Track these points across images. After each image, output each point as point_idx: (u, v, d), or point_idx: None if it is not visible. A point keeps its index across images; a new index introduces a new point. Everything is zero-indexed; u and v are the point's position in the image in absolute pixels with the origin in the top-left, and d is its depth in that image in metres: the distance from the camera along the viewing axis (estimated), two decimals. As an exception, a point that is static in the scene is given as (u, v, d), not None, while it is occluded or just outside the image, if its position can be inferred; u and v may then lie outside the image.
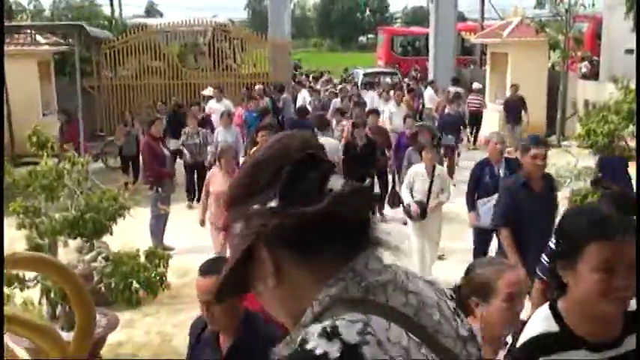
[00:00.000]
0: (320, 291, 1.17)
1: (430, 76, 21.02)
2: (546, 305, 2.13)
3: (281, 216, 1.16)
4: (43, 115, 16.42)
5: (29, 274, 5.52)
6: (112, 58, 19.13)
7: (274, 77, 19.43)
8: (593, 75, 20.06)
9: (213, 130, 12.47)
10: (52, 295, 5.35)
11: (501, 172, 6.96)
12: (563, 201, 7.68)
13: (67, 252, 6.79)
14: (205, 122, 13.06)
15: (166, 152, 9.45)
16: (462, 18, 35.95)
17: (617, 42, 18.03)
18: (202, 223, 7.90)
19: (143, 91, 19.02)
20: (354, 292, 1.16)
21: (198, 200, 10.22)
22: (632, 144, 6.55)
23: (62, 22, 17.50)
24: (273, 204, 1.18)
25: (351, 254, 1.19)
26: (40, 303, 5.60)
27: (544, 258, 4.18)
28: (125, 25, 22.05)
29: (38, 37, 16.65)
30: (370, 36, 75.27)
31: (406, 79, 23.87)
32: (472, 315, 2.60)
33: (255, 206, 1.19)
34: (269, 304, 1.26)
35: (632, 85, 6.68)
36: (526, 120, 15.80)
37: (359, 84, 22.24)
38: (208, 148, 11.44)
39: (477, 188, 7.13)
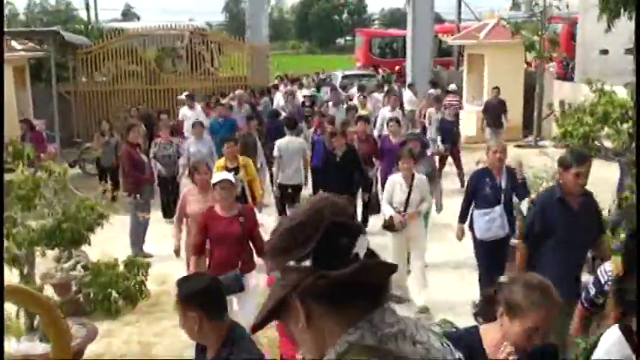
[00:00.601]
0: (341, 337, 1.40)
1: (408, 78, 21.10)
2: (616, 328, 2.06)
3: (314, 276, 1.38)
4: (20, 121, 16.23)
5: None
6: (88, 63, 18.96)
7: (252, 81, 19.40)
8: (562, 75, 20.31)
9: (185, 138, 12.19)
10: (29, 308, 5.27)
11: (503, 184, 6.60)
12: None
13: (45, 261, 6.73)
14: (177, 130, 12.75)
15: (144, 158, 9.37)
16: (439, 19, 36.23)
17: (591, 43, 18.27)
18: (177, 252, 6.96)
19: (121, 97, 18.88)
20: (369, 341, 1.38)
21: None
22: (607, 144, 6.64)
23: (38, 29, 17.35)
24: (307, 263, 1.40)
25: (371, 308, 1.41)
26: (17, 316, 5.52)
27: (590, 287, 4.16)
28: (101, 29, 21.85)
29: (13, 43, 16.45)
30: (348, 38, 75.56)
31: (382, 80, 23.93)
32: (497, 316, 2.71)
33: (292, 262, 1.42)
34: (298, 341, 1.49)
35: (607, 87, 6.78)
36: (506, 125, 15.64)
37: (337, 86, 22.24)
38: (180, 160, 10.83)
39: (474, 199, 6.76)
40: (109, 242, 9.15)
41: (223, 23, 79.90)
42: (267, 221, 8.33)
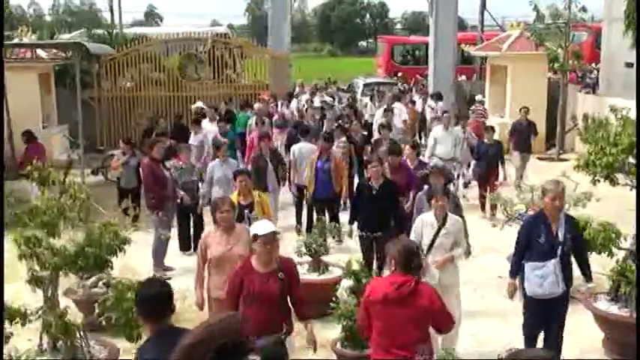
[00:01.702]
0: None
1: (430, 88, 21.01)
2: None
3: None
4: (43, 127, 16.51)
5: (31, 308, 5.55)
6: (112, 70, 19.16)
7: (274, 89, 19.47)
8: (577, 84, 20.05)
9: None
10: (53, 329, 5.36)
11: (560, 234, 5.84)
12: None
13: (68, 280, 6.82)
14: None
15: (167, 174, 9.38)
16: (461, 25, 35.94)
17: (617, 55, 18.08)
18: (201, 305, 6.21)
19: (143, 103, 19.04)
20: None
21: (195, 248, 8.63)
22: (632, 176, 6.57)
23: (63, 41, 17.56)
24: None
25: None
26: (41, 338, 5.61)
27: None
28: (125, 36, 22.05)
29: (39, 51, 16.71)
30: (370, 41, 75.42)
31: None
32: None
33: None
34: None
35: (632, 116, 6.72)
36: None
37: (359, 96, 22.20)
38: (201, 187, 9.74)
39: (528, 249, 5.97)
40: (131, 257, 9.25)
41: (245, 26, 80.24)
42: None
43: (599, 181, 6.61)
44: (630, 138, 6.14)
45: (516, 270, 6.10)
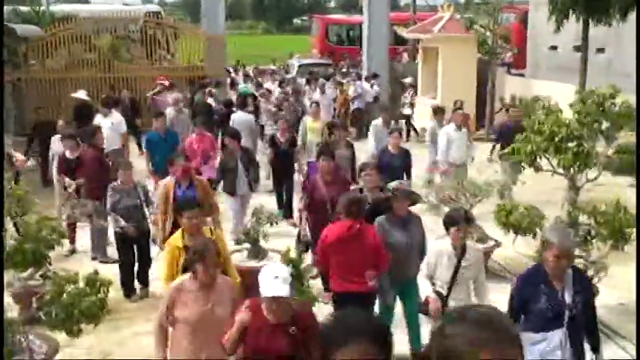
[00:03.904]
0: None
1: (364, 69, 21.25)
2: None
3: None
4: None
5: None
6: (40, 51, 18.59)
7: (209, 71, 19.31)
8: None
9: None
10: None
11: (567, 296, 4.42)
12: (489, 215, 7.99)
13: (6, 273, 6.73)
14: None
15: (109, 163, 9.18)
16: (395, 3, 36.24)
17: (542, 38, 18.77)
18: None
19: (74, 85, 18.56)
20: None
21: (142, 285, 8.02)
22: (554, 162, 6.96)
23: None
24: None
25: None
26: None
27: None
28: (53, 14, 21.35)
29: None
30: (304, 18, 75.14)
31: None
32: None
33: None
34: None
35: (555, 101, 7.09)
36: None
37: (294, 76, 22.27)
38: (148, 210, 8.04)
39: (525, 313, 4.55)
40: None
41: (177, 3, 78.62)
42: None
43: (524, 167, 6.96)
44: (552, 127, 6.49)
45: None
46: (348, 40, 32.93)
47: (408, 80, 18.93)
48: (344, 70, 23.56)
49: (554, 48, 18.69)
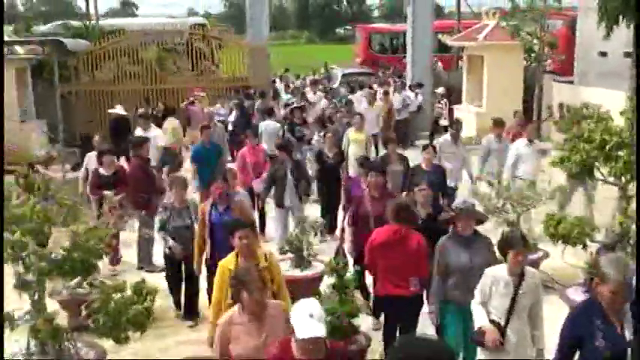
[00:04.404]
0: None
1: (408, 78, 21.12)
2: None
3: None
4: (22, 121, 16.42)
5: (19, 313, 5.61)
6: (89, 64, 19.04)
7: (253, 81, 19.48)
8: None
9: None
10: (42, 333, 5.43)
11: (627, 333, 3.98)
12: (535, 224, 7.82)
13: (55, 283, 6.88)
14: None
15: (154, 172, 9.37)
16: (439, 11, 35.97)
17: (591, 44, 18.34)
18: None
19: (122, 97, 18.96)
20: None
21: (190, 315, 7.75)
22: (604, 170, 6.78)
23: (41, 38, 17.39)
24: None
25: None
26: (28, 341, 5.68)
27: None
28: (101, 28, 21.86)
29: (16, 46, 16.55)
30: (348, 27, 75.30)
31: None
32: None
33: None
34: None
35: (606, 108, 6.92)
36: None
37: (337, 86, 22.24)
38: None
39: (578, 352, 4.13)
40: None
41: (223, 13, 79.69)
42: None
43: (573, 177, 6.80)
44: (602, 136, 6.33)
45: None
46: (391, 48, 32.81)
47: (440, 90, 18.75)
48: (389, 79, 23.39)
49: (603, 54, 18.25)
